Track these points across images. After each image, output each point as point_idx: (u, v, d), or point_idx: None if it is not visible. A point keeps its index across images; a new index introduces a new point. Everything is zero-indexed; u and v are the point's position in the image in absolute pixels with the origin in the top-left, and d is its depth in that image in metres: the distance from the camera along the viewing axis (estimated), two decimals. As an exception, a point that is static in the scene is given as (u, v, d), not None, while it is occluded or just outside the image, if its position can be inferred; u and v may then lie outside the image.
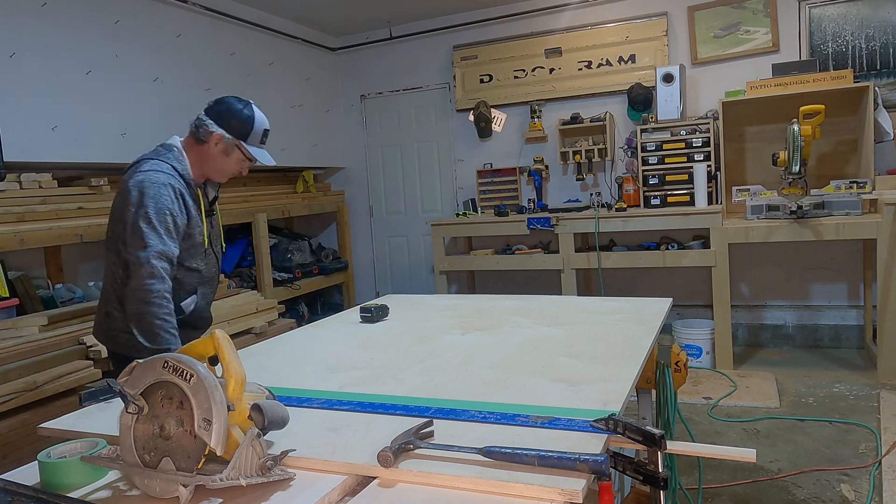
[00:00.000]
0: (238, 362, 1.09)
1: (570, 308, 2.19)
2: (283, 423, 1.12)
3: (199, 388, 1.00)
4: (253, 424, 1.06)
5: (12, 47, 3.19)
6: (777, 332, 4.67)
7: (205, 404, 0.99)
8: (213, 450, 0.98)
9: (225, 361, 1.08)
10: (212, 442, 0.98)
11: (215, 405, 0.99)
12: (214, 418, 0.98)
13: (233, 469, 0.98)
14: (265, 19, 4.94)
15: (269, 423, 1.07)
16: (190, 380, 1.01)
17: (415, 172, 5.79)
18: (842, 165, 4.27)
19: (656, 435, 1.04)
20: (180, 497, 0.98)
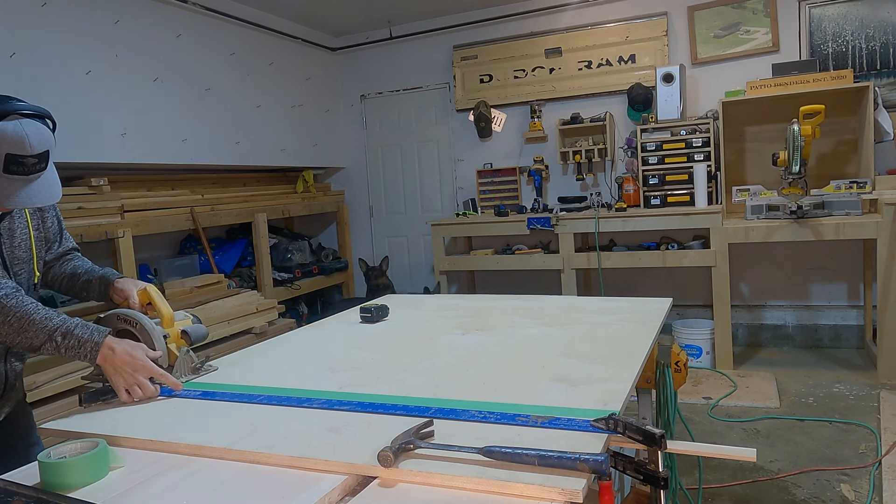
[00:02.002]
0: (165, 304, 1.61)
1: (570, 308, 2.19)
2: (204, 338, 1.66)
3: (143, 330, 1.54)
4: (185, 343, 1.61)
5: (12, 47, 3.19)
6: (777, 332, 4.67)
7: (149, 340, 1.53)
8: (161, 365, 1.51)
9: (156, 306, 1.60)
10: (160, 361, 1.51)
11: (156, 339, 1.54)
12: (157, 347, 1.53)
13: (175, 372, 1.56)
14: (265, 19, 4.94)
15: (194, 339, 1.62)
16: (136, 325, 1.55)
17: (415, 172, 5.79)
18: (842, 165, 4.27)
19: (656, 434, 1.04)
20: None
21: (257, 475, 1.07)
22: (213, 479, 1.06)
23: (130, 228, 3.63)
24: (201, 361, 1.66)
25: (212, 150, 4.40)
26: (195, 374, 1.62)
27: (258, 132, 4.86)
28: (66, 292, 1.75)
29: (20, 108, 1.35)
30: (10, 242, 1.53)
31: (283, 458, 1.10)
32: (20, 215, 1.57)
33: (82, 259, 1.78)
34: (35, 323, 1.39)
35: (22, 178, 1.34)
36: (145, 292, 1.62)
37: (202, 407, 1.39)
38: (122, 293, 1.64)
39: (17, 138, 1.31)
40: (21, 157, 1.32)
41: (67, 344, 1.40)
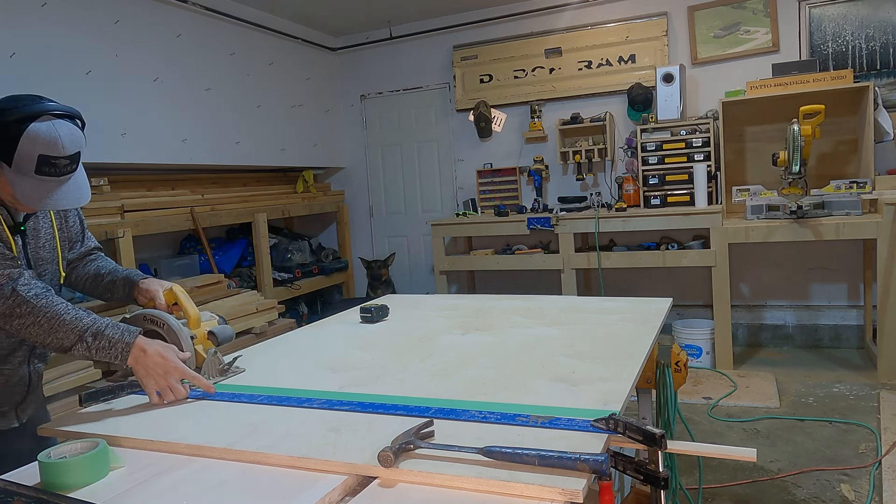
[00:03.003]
0: (192, 305, 1.61)
1: (570, 308, 2.19)
2: (231, 338, 1.67)
3: (170, 331, 1.53)
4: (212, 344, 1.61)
5: (12, 47, 3.19)
6: (777, 332, 4.67)
7: (177, 341, 1.51)
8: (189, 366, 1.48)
9: (183, 307, 1.60)
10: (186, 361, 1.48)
11: (183, 340, 1.53)
12: (185, 348, 1.52)
13: (203, 374, 1.53)
14: (265, 19, 4.94)
15: (221, 340, 1.63)
16: (163, 326, 1.54)
17: (415, 172, 5.79)
18: (842, 165, 4.27)
19: (657, 434, 1.04)
20: None
21: (257, 475, 1.07)
22: (214, 480, 1.06)
23: (130, 228, 3.63)
24: (229, 363, 1.64)
25: (212, 150, 4.40)
26: (222, 375, 1.59)
27: (258, 132, 4.86)
28: (90, 293, 1.73)
29: (51, 109, 1.34)
30: (34, 243, 1.53)
31: (283, 459, 1.10)
32: (44, 215, 1.57)
33: (105, 259, 1.76)
34: (66, 323, 1.36)
35: (53, 180, 1.34)
36: (171, 292, 1.61)
37: (202, 407, 1.39)
38: (147, 294, 1.62)
39: (50, 139, 1.30)
40: (54, 158, 1.31)
41: (98, 345, 1.37)
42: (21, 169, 1.31)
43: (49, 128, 1.30)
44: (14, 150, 1.29)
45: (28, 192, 1.32)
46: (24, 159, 1.29)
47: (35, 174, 1.31)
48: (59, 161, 1.32)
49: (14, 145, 1.29)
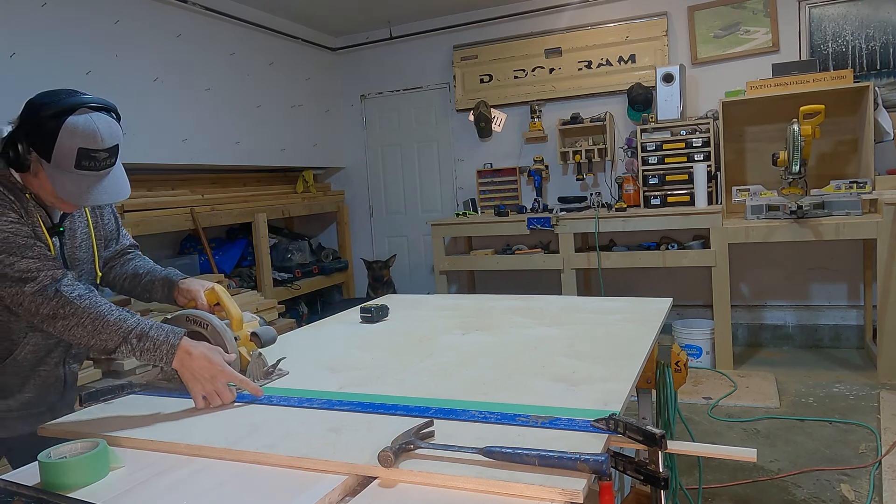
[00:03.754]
0: (234, 305, 1.55)
1: (570, 308, 2.19)
2: (274, 340, 1.59)
3: (214, 332, 1.48)
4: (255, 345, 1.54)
5: (12, 47, 3.19)
6: (777, 332, 4.67)
7: (221, 342, 1.46)
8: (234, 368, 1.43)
9: (226, 307, 1.54)
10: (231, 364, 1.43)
11: (228, 341, 1.47)
12: (230, 350, 1.46)
13: (248, 377, 1.46)
14: (265, 19, 4.94)
15: (264, 342, 1.56)
16: (207, 327, 1.49)
17: (415, 172, 5.79)
18: (842, 165, 4.27)
19: (657, 435, 1.04)
20: None
21: (257, 475, 1.07)
22: (213, 480, 1.06)
23: (130, 228, 3.62)
24: (272, 365, 1.58)
25: (212, 150, 4.40)
26: (267, 378, 1.54)
27: (258, 132, 4.86)
28: (128, 293, 1.70)
29: (88, 101, 1.32)
30: (71, 243, 1.52)
31: (283, 459, 1.10)
32: (80, 215, 1.55)
33: (143, 258, 1.73)
34: (110, 324, 1.34)
35: (93, 174, 1.32)
36: (213, 292, 1.57)
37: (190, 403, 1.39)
38: (188, 294, 1.58)
39: (89, 132, 1.29)
40: (93, 151, 1.30)
41: (143, 346, 1.35)
42: (61, 164, 1.29)
43: (87, 120, 1.30)
44: (53, 145, 1.28)
45: (68, 188, 1.31)
46: (63, 154, 1.28)
47: (75, 169, 1.30)
48: (99, 154, 1.31)
49: (53, 140, 1.28)
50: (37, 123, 1.30)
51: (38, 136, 1.30)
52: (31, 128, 1.31)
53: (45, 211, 1.44)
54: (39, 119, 1.30)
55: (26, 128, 1.32)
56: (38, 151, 1.31)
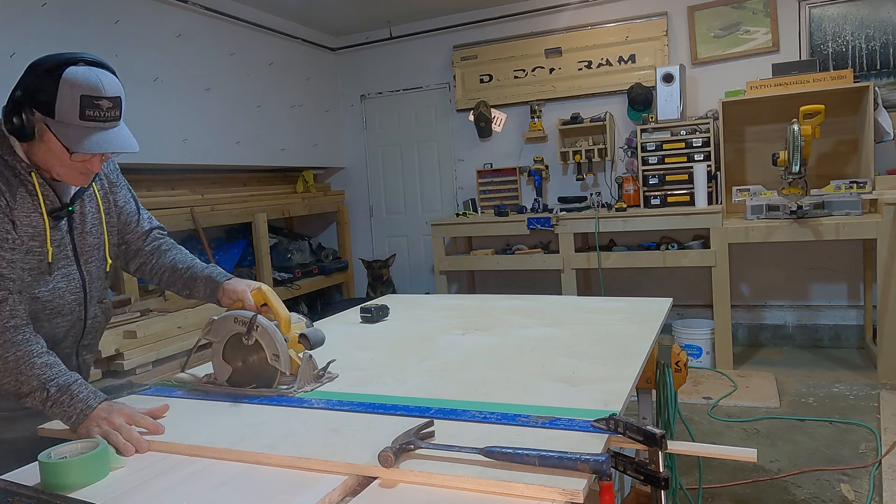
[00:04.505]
0: (283, 306, 1.49)
1: (570, 308, 2.19)
2: (322, 342, 1.51)
3: (264, 333, 1.43)
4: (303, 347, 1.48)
5: (12, 47, 3.19)
6: (777, 332, 4.67)
7: (272, 344, 1.42)
8: (283, 373, 1.43)
9: (273, 308, 1.48)
10: (282, 368, 1.43)
11: (278, 343, 1.42)
12: (280, 353, 1.42)
13: (299, 381, 1.44)
14: (265, 19, 4.94)
15: (313, 344, 1.49)
16: (257, 329, 1.43)
17: (415, 172, 5.79)
18: (842, 165, 4.27)
19: (657, 435, 1.04)
20: None
21: (258, 476, 1.07)
22: (214, 480, 1.06)
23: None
24: (323, 368, 1.52)
25: (212, 150, 4.40)
26: (317, 381, 1.49)
27: (258, 132, 4.86)
28: (168, 287, 1.65)
29: (85, 56, 1.31)
30: (81, 228, 1.47)
31: (283, 459, 1.10)
32: (91, 198, 1.50)
33: (179, 249, 1.67)
34: (35, 366, 1.25)
35: (99, 126, 1.29)
36: (260, 292, 1.51)
37: (202, 407, 1.39)
38: (233, 295, 1.52)
39: (90, 81, 1.27)
40: (96, 98, 1.27)
41: (59, 398, 1.24)
42: (65, 117, 1.26)
43: (86, 71, 1.28)
44: (55, 98, 1.26)
45: (73, 139, 1.27)
46: (66, 106, 1.26)
47: (80, 120, 1.27)
48: (102, 102, 1.28)
49: (55, 93, 1.26)
50: (36, 80, 1.28)
51: (39, 91, 1.27)
52: (32, 86, 1.29)
53: (53, 192, 1.39)
54: (38, 75, 1.28)
55: (27, 89, 1.30)
56: (41, 109, 1.28)
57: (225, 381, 1.48)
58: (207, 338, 1.50)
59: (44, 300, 1.40)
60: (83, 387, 1.27)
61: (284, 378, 1.44)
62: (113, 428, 1.20)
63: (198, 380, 1.54)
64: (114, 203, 1.58)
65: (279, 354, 1.42)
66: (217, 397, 1.44)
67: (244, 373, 1.48)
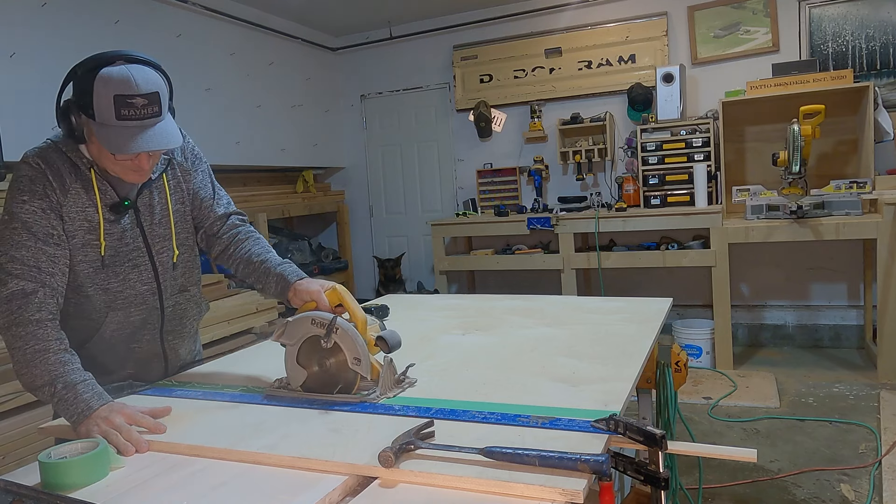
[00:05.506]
0: (359, 308, 1.41)
1: (571, 308, 2.19)
2: (400, 345, 1.40)
3: (344, 336, 1.34)
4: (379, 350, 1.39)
5: (12, 47, 3.19)
6: (777, 332, 4.67)
7: (352, 347, 1.34)
8: (364, 377, 1.35)
9: (350, 310, 1.40)
10: (363, 372, 1.34)
11: (360, 346, 1.33)
12: (362, 356, 1.33)
13: (380, 387, 1.36)
14: (265, 19, 4.94)
15: (391, 347, 1.38)
16: (336, 331, 1.34)
17: (415, 172, 5.79)
18: (842, 165, 4.27)
19: (657, 435, 1.04)
20: None
21: (258, 476, 1.07)
22: (214, 480, 1.06)
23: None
24: (402, 372, 1.43)
25: (212, 150, 4.37)
26: (398, 387, 1.40)
27: (258, 132, 4.86)
28: (243, 279, 1.62)
29: (125, 54, 1.31)
30: (150, 219, 1.49)
31: (283, 459, 1.10)
32: (159, 189, 1.50)
33: (256, 240, 1.63)
34: (48, 362, 1.26)
35: (136, 125, 1.28)
36: (335, 293, 1.43)
37: (202, 407, 1.39)
38: (306, 295, 1.47)
39: (121, 78, 1.26)
40: (129, 97, 1.26)
41: (64, 395, 1.24)
42: (104, 118, 1.27)
43: (120, 69, 1.28)
44: (92, 100, 1.27)
45: (113, 140, 1.28)
46: (103, 107, 1.26)
47: (117, 121, 1.27)
48: (136, 100, 1.27)
49: (91, 94, 1.27)
50: (76, 82, 1.30)
51: (80, 94, 1.29)
52: (75, 89, 1.31)
53: (112, 187, 1.41)
54: (78, 78, 1.30)
55: (73, 91, 1.31)
56: (84, 111, 1.30)
57: (299, 386, 1.40)
58: (281, 341, 1.42)
59: (114, 290, 1.46)
60: (89, 387, 1.27)
61: (364, 383, 1.36)
62: (112, 428, 1.19)
63: (269, 385, 1.46)
64: (187, 190, 1.57)
65: (361, 358, 1.33)
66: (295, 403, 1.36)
67: (320, 378, 1.39)
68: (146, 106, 1.28)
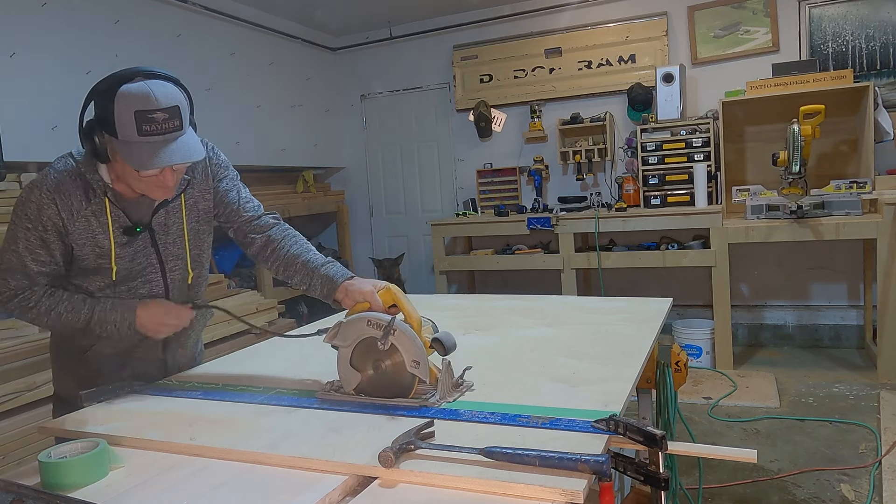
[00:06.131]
0: (414, 308, 1.37)
1: (571, 308, 2.19)
2: (455, 347, 1.35)
3: (402, 338, 1.30)
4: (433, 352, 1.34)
5: (12, 47, 3.19)
6: (777, 332, 4.67)
7: (411, 350, 1.29)
8: (423, 380, 1.29)
9: (405, 310, 1.36)
10: (422, 376, 1.29)
11: (419, 349, 1.29)
12: (421, 359, 1.28)
13: (440, 392, 1.30)
14: (265, 19, 4.94)
15: (448, 349, 1.33)
16: (394, 333, 1.30)
17: (415, 172, 5.79)
18: (842, 165, 4.27)
19: (657, 436, 1.04)
20: None
21: (258, 475, 1.07)
22: (214, 480, 1.06)
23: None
24: (460, 376, 1.38)
25: (212, 150, 4.39)
26: (457, 390, 1.34)
27: (258, 132, 4.86)
28: (287, 281, 1.61)
29: (143, 70, 1.34)
30: (164, 238, 1.52)
31: (283, 459, 1.10)
32: (175, 209, 1.52)
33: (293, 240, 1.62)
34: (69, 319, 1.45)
35: (159, 139, 1.29)
36: (388, 292, 1.40)
37: (202, 407, 1.39)
38: (357, 295, 1.43)
39: (141, 93, 1.28)
40: (150, 112, 1.27)
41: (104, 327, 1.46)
42: (126, 135, 1.28)
43: (140, 85, 1.29)
44: (114, 117, 1.28)
45: (136, 156, 1.29)
46: (124, 123, 1.27)
47: (139, 137, 1.28)
48: (156, 115, 1.28)
49: (112, 112, 1.28)
50: (97, 101, 1.32)
51: (101, 113, 1.30)
52: (96, 108, 1.32)
53: (125, 213, 1.45)
54: (99, 96, 1.31)
55: (94, 111, 1.33)
56: (106, 130, 1.31)
57: (352, 389, 1.36)
58: (334, 343, 1.37)
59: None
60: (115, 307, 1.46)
61: (422, 387, 1.31)
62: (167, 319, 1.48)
63: (322, 388, 1.42)
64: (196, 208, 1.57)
65: (420, 361, 1.28)
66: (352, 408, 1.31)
67: (375, 381, 1.35)
68: (167, 120, 1.30)
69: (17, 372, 2.73)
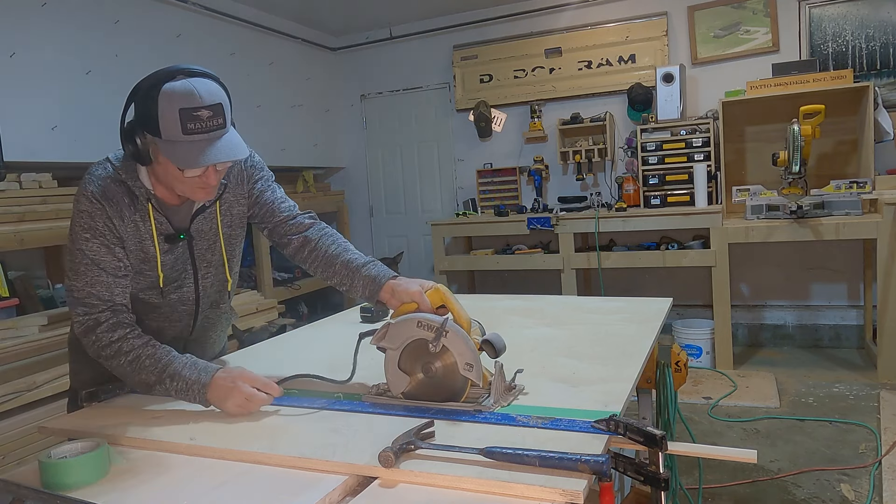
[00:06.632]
0: (464, 310, 1.34)
1: (571, 308, 2.19)
2: (505, 349, 1.30)
3: (455, 340, 1.25)
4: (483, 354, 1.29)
5: (12, 47, 3.19)
6: (777, 332, 4.67)
7: (465, 352, 1.25)
8: (476, 384, 1.25)
9: (455, 311, 1.33)
10: (475, 379, 1.24)
11: (472, 351, 1.24)
12: (475, 362, 1.23)
13: (493, 395, 1.26)
14: (265, 19, 4.94)
15: (498, 351, 1.28)
16: (446, 334, 1.25)
17: (415, 172, 5.79)
18: (842, 165, 4.27)
19: (657, 436, 1.03)
20: None
21: (258, 475, 1.07)
22: (214, 480, 1.06)
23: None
24: (512, 379, 1.34)
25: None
26: (510, 394, 1.31)
27: (258, 132, 4.86)
28: (328, 282, 1.58)
29: (184, 68, 1.33)
30: (201, 244, 1.51)
31: (283, 459, 1.10)
32: (211, 216, 1.51)
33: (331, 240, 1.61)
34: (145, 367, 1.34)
35: (203, 138, 1.28)
36: (437, 293, 1.37)
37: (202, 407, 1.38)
38: (404, 296, 1.39)
39: (185, 91, 1.27)
40: (195, 110, 1.26)
41: (176, 386, 1.32)
42: (170, 135, 1.27)
43: (183, 83, 1.28)
44: (157, 117, 1.26)
45: (181, 155, 1.28)
46: (168, 123, 1.26)
47: (184, 136, 1.26)
48: (201, 112, 1.27)
49: (156, 111, 1.26)
50: (140, 101, 1.29)
51: (144, 113, 1.28)
52: (139, 109, 1.30)
53: (167, 220, 1.44)
54: (140, 96, 1.29)
55: (135, 111, 1.31)
56: (150, 131, 1.29)
57: (400, 392, 1.32)
58: (382, 344, 1.34)
59: (154, 304, 1.51)
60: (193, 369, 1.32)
61: (474, 390, 1.27)
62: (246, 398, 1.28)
63: (367, 391, 1.39)
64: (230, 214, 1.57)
65: (473, 364, 1.23)
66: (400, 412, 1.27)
67: (425, 384, 1.31)
68: (211, 118, 1.29)
69: (17, 372, 2.73)
